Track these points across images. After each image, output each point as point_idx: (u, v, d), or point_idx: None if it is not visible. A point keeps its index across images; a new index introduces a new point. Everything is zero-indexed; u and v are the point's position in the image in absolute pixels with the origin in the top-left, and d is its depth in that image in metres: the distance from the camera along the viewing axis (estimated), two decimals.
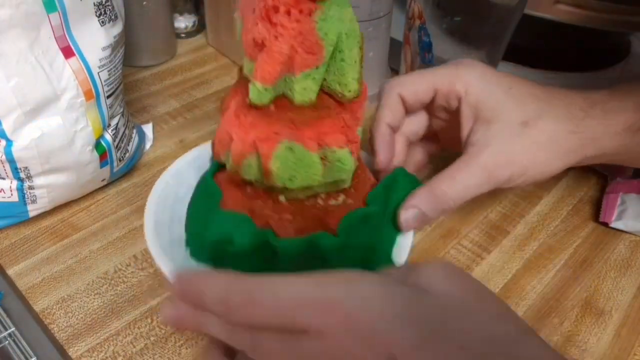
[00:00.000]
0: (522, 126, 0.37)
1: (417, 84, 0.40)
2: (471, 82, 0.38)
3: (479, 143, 0.38)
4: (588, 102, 0.39)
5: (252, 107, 0.35)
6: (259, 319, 0.25)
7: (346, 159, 0.34)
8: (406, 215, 0.37)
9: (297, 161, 0.35)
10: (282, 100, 0.35)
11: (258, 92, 0.34)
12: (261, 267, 0.36)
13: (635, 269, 0.45)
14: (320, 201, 0.38)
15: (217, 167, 0.39)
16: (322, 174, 0.35)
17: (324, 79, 0.35)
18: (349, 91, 0.35)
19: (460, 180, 0.37)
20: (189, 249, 0.40)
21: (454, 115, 0.40)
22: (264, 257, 0.36)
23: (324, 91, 0.36)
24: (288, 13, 0.31)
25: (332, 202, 0.38)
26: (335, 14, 0.32)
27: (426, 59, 0.51)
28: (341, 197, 0.38)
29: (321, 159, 0.35)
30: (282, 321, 0.24)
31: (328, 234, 0.36)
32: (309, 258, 0.36)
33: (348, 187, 0.39)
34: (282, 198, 0.38)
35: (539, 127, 0.37)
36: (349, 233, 0.36)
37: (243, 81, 0.35)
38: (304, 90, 0.34)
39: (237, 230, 0.36)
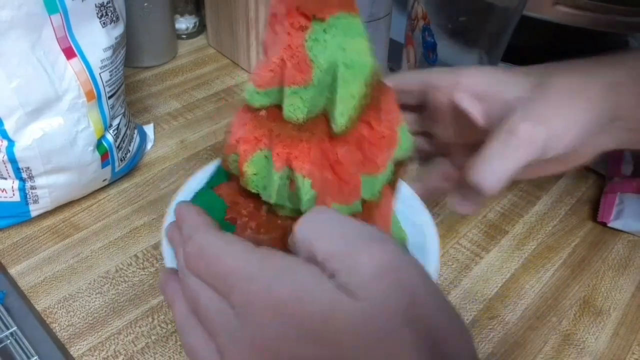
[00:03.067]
0: (535, 88, 0.35)
1: (409, 83, 0.39)
2: (465, 77, 0.37)
3: (503, 119, 0.35)
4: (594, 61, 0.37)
5: (250, 107, 0.35)
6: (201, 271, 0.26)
7: (305, 190, 0.33)
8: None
9: (268, 173, 0.35)
10: (275, 111, 0.35)
11: (249, 93, 0.34)
12: None
13: (634, 268, 0.45)
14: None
15: None
16: (276, 193, 0.34)
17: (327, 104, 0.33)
18: (336, 125, 0.32)
19: (498, 158, 0.35)
20: None
21: (446, 113, 0.39)
22: None
23: (326, 117, 0.34)
24: (282, 23, 0.31)
25: None
26: (333, 40, 0.30)
27: (430, 59, 0.51)
28: None
29: (290, 180, 0.34)
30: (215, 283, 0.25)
31: None
32: None
33: None
34: (264, 207, 0.38)
35: (551, 83, 0.35)
36: None
37: None
38: (291, 106, 0.33)
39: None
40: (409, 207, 0.44)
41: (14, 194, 0.42)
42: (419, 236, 0.41)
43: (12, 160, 0.40)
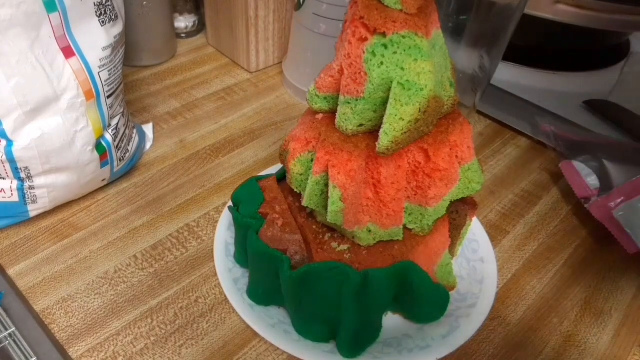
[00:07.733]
0: None
1: None
2: None
3: None
4: None
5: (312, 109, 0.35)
6: None
7: (333, 201, 0.32)
8: None
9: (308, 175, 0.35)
10: (331, 116, 0.34)
11: (310, 95, 0.34)
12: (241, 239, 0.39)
13: (635, 269, 0.45)
14: (326, 236, 0.37)
15: None
16: (308, 197, 0.34)
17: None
18: (378, 143, 0.31)
19: None
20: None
21: None
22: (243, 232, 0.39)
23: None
24: (346, 30, 0.30)
25: (334, 244, 0.36)
26: (392, 57, 0.29)
27: None
28: (344, 246, 0.36)
29: (325, 186, 0.33)
30: None
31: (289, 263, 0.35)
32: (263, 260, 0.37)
33: (363, 243, 0.36)
34: (307, 210, 0.38)
35: None
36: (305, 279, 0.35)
37: None
38: (343, 115, 0.32)
39: (243, 198, 0.40)
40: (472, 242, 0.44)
41: (12, 194, 0.42)
42: (477, 273, 0.42)
43: (11, 160, 0.39)
